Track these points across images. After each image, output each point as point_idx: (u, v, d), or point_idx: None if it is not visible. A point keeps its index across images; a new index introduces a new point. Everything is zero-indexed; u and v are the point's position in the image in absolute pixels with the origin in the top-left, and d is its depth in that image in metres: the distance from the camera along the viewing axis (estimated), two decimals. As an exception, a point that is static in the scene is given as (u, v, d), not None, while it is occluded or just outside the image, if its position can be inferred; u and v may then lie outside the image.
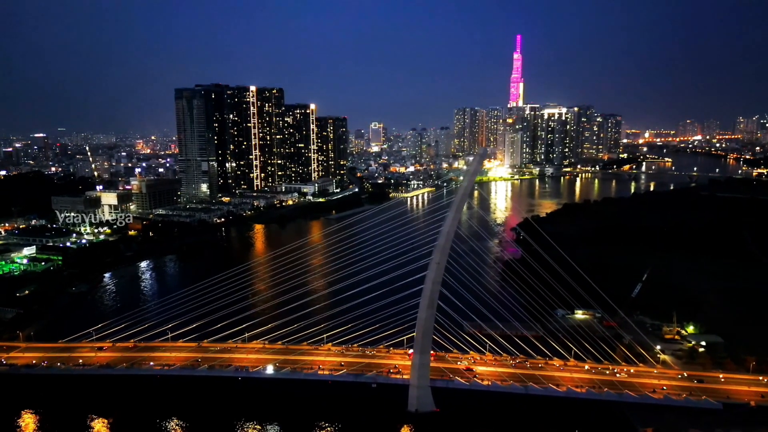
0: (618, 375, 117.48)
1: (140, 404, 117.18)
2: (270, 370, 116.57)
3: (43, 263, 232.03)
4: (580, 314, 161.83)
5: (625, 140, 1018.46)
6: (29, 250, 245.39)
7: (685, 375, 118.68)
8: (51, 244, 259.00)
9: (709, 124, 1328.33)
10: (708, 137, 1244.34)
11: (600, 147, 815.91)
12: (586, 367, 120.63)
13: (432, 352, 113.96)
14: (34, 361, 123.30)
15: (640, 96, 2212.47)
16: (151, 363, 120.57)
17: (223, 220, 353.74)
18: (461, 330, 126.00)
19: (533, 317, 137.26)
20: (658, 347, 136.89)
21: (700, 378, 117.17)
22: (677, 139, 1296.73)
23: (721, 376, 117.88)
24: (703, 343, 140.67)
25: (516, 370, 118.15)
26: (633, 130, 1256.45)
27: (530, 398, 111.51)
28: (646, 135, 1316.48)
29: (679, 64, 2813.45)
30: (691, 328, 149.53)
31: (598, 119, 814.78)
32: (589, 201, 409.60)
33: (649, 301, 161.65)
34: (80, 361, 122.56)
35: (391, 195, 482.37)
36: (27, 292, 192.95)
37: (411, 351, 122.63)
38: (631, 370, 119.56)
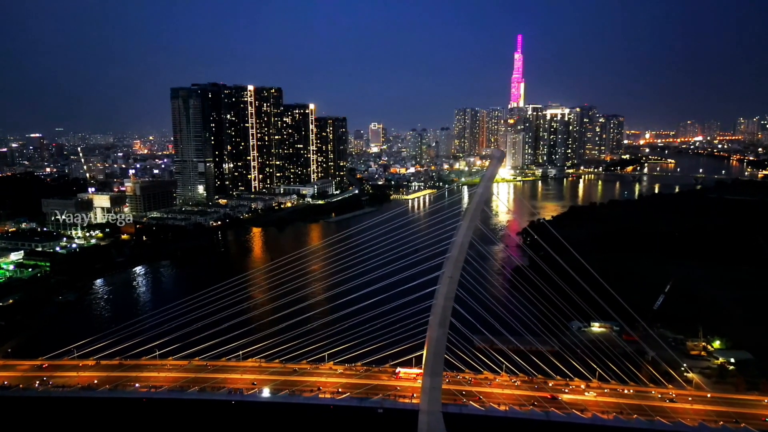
0: (647, 398, 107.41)
1: (125, 429, 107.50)
2: (266, 393, 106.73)
3: (30, 269, 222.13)
4: (596, 327, 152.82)
5: (625, 141, 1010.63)
6: (16, 256, 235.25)
7: (722, 398, 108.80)
8: (39, 249, 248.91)
9: (709, 124, 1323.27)
10: (709, 138, 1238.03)
11: (602, 148, 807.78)
12: (610, 389, 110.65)
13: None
14: (7, 382, 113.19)
15: (640, 96, 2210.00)
16: (137, 384, 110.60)
17: (219, 223, 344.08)
18: (470, 345, 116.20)
19: (547, 330, 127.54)
20: (684, 365, 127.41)
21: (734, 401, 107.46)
22: (678, 140, 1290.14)
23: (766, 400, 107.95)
24: (732, 360, 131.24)
25: (535, 392, 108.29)
26: (633, 131, 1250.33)
27: (551, 425, 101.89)
28: (647, 136, 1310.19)
29: (678, 64, 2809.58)
30: (717, 343, 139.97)
31: (600, 120, 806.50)
32: (594, 204, 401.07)
33: (670, 313, 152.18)
34: (60, 382, 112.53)
35: (392, 197, 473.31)
36: (11, 301, 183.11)
37: (399, 370, 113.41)
38: (670, 394, 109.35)
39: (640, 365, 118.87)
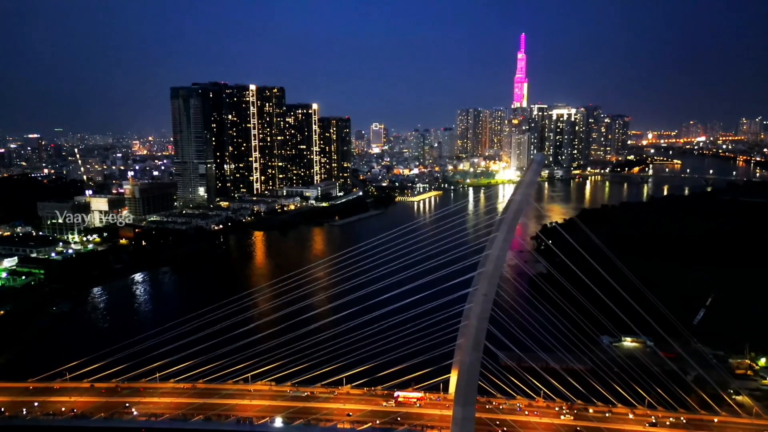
0: (703, 428, 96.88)
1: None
2: (279, 422, 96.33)
3: (23, 277, 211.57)
4: (628, 342, 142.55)
5: (629, 142, 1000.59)
6: (10, 262, 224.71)
7: None
8: (34, 254, 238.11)
9: (711, 125, 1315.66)
10: (712, 138, 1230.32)
11: (608, 149, 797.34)
12: (660, 417, 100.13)
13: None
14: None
15: (641, 97, 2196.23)
16: (135, 412, 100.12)
17: (221, 226, 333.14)
18: (495, 363, 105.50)
19: (577, 345, 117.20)
20: (732, 386, 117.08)
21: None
22: (681, 141, 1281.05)
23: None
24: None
25: (577, 422, 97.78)
26: (635, 131, 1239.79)
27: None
28: (649, 136, 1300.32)
29: (679, 64, 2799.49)
30: (763, 361, 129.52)
31: (606, 120, 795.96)
32: (606, 206, 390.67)
33: (709, 326, 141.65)
34: (50, 409, 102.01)
35: (397, 199, 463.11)
36: (2, 312, 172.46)
37: (398, 394, 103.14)
38: (714, 420, 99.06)
39: (684, 387, 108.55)
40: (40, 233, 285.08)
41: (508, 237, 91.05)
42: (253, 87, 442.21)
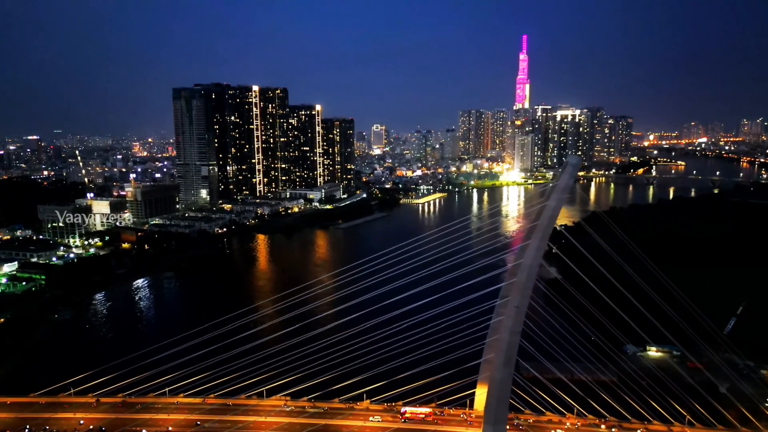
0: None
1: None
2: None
3: (24, 283, 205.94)
4: (653, 351, 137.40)
5: (631, 143, 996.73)
6: (10, 267, 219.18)
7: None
8: (35, 259, 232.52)
9: (712, 126, 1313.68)
10: (713, 140, 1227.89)
11: (611, 150, 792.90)
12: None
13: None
14: None
15: (641, 98, 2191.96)
16: (144, 431, 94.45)
17: (224, 230, 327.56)
18: (518, 374, 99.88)
19: (603, 354, 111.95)
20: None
21: None
22: (682, 142, 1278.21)
23: None
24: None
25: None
26: (636, 132, 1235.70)
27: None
28: (651, 137, 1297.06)
29: (679, 65, 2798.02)
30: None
31: (609, 121, 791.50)
32: (614, 208, 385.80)
33: (741, 335, 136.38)
34: (53, 426, 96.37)
35: (401, 201, 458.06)
36: (2, 320, 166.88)
37: (405, 410, 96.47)
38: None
39: (718, 400, 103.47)
40: (41, 237, 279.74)
41: (542, 245, 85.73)
42: (255, 88, 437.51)
